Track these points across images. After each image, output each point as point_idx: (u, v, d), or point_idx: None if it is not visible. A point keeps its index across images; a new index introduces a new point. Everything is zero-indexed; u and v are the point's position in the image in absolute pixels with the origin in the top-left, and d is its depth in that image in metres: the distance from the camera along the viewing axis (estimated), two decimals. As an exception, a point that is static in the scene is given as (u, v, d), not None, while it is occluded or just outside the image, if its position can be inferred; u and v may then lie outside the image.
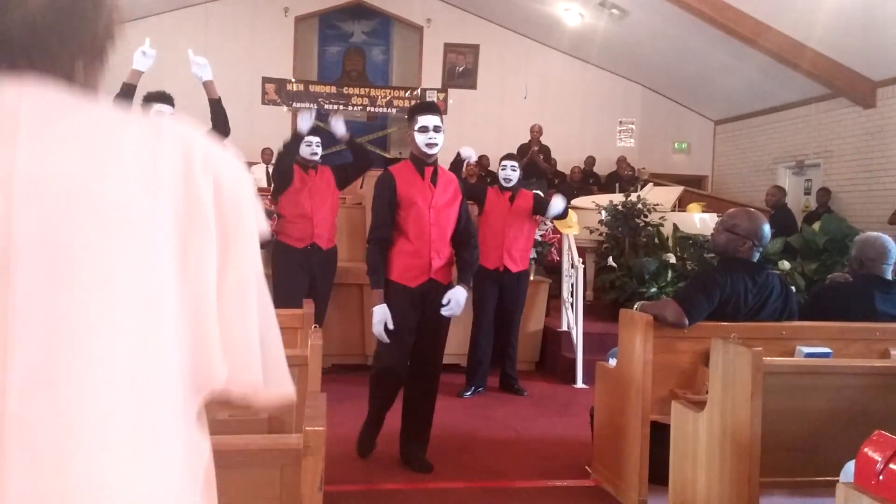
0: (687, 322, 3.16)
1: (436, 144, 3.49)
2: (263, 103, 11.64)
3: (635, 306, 3.53)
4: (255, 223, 0.84)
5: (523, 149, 10.95)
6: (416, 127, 3.49)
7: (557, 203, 5.32)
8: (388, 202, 3.50)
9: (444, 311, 3.49)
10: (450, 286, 3.60)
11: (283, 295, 4.89)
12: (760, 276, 3.29)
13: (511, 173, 5.31)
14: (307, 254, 5.11)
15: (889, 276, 3.49)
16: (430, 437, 3.76)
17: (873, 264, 3.44)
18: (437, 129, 3.49)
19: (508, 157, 5.49)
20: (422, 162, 3.55)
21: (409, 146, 3.64)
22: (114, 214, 0.73)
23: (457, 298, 3.51)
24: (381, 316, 3.46)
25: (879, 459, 1.87)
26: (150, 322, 0.74)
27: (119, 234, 0.74)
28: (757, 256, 3.32)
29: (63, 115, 0.75)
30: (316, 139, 5.16)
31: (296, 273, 5.08)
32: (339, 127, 5.12)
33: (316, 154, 5.17)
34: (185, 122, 0.83)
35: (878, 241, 3.51)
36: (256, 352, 0.83)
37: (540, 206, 5.40)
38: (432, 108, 3.60)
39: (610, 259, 6.73)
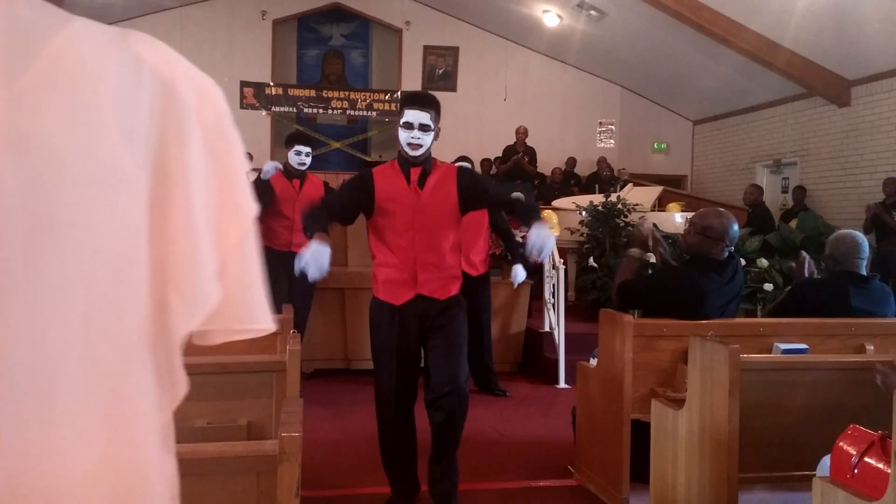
0: (614, 296, 3.49)
1: (420, 146, 2.99)
2: (242, 107, 11.61)
3: (635, 252, 3.62)
4: (244, 172, 0.85)
5: (509, 151, 10.98)
6: (401, 121, 3.02)
7: (520, 274, 5.42)
8: (353, 193, 3.09)
9: (535, 256, 2.85)
10: (450, 303, 3.10)
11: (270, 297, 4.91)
12: (728, 271, 3.34)
13: None
14: (287, 258, 5.06)
15: (863, 272, 3.53)
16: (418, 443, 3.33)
17: (846, 259, 3.49)
18: (423, 127, 2.99)
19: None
20: (408, 162, 3.07)
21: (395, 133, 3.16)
22: (95, 170, 0.72)
23: (541, 238, 2.77)
24: (307, 254, 2.81)
25: (854, 453, 1.89)
26: (123, 278, 0.74)
27: (100, 190, 0.73)
28: (727, 255, 3.37)
29: (40, 42, 0.72)
30: (306, 149, 5.12)
31: (275, 278, 5.00)
32: None
33: (304, 164, 5.14)
34: (165, 50, 0.80)
35: (849, 236, 3.57)
36: (264, 299, 0.89)
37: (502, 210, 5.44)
38: (422, 101, 3.05)
39: (591, 259, 6.76)
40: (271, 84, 12.00)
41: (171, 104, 0.77)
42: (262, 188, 5.11)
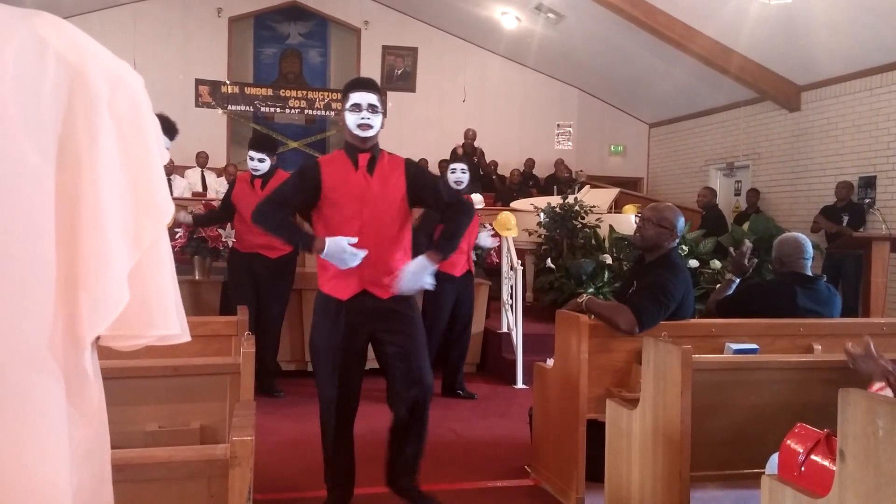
0: (638, 331, 3.21)
1: (370, 126, 2.94)
2: (197, 106, 11.44)
3: (582, 300, 3.46)
4: (160, 167, 0.79)
5: (456, 152, 11.05)
6: (348, 105, 2.96)
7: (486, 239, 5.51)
8: (301, 188, 2.96)
9: (393, 289, 2.95)
10: (394, 303, 3.01)
11: (232, 297, 5.02)
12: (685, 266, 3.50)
13: (462, 176, 5.28)
14: (251, 259, 5.09)
15: (809, 272, 3.64)
16: (372, 441, 3.43)
17: (791, 261, 3.62)
18: (372, 108, 2.95)
19: (457, 159, 5.52)
20: (355, 149, 3.00)
21: (343, 132, 3.09)
22: None
23: (406, 270, 2.92)
24: (335, 246, 2.79)
25: (801, 451, 1.94)
26: (25, 280, 0.69)
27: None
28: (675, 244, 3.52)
29: None
30: (259, 154, 5.01)
31: (240, 276, 5.11)
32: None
33: (258, 170, 5.04)
34: (74, 34, 0.72)
35: (792, 238, 3.70)
36: (173, 304, 0.83)
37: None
38: (368, 85, 3.02)
39: (548, 261, 6.81)
40: (227, 82, 11.84)
41: (81, 93, 0.71)
42: (225, 195, 5.30)
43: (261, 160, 5.03)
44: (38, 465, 0.69)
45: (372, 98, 2.96)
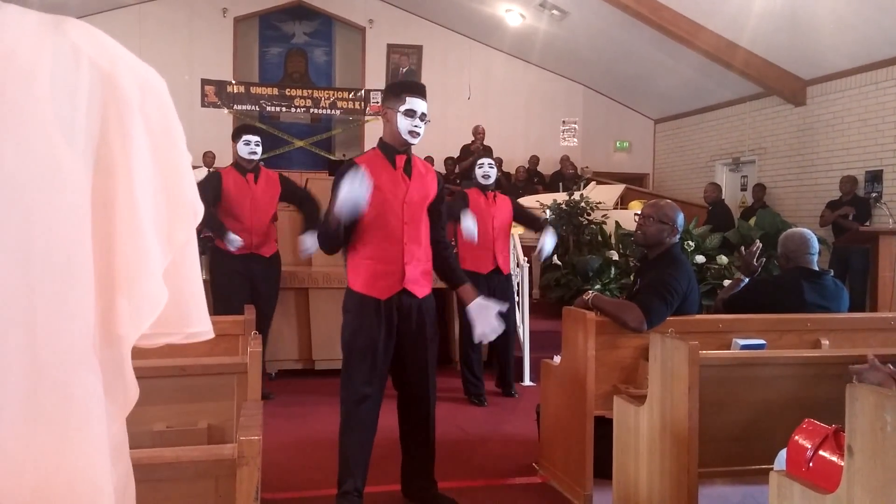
0: (646, 328, 3.20)
1: (419, 135, 2.98)
2: (203, 105, 11.47)
3: (588, 297, 3.43)
4: (189, 168, 0.82)
5: (466, 149, 11.02)
6: (403, 108, 2.94)
7: (549, 242, 5.13)
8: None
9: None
10: (426, 301, 3.11)
11: (222, 301, 4.71)
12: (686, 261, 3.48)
13: (490, 170, 5.23)
14: (246, 260, 4.87)
15: (815, 267, 3.63)
16: (378, 440, 3.36)
17: (797, 256, 3.61)
18: (423, 117, 2.99)
19: (484, 154, 5.52)
20: (393, 150, 3.02)
21: (383, 126, 3.08)
22: (31, 167, 0.67)
23: (475, 313, 3.05)
24: (345, 193, 2.75)
25: (809, 447, 1.93)
26: (67, 282, 0.71)
27: (37, 188, 0.68)
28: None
29: None
30: (255, 138, 4.88)
31: (234, 279, 4.82)
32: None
33: (255, 154, 4.87)
34: (104, 40, 0.75)
35: (797, 233, 3.69)
36: (203, 302, 0.85)
37: (522, 217, 5.39)
38: (423, 91, 3.04)
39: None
40: (233, 82, 11.87)
41: (113, 98, 0.73)
42: (210, 183, 4.83)
43: (257, 143, 4.90)
44: (81, 462, 0.71)
45: (425, 107, 3.01)
